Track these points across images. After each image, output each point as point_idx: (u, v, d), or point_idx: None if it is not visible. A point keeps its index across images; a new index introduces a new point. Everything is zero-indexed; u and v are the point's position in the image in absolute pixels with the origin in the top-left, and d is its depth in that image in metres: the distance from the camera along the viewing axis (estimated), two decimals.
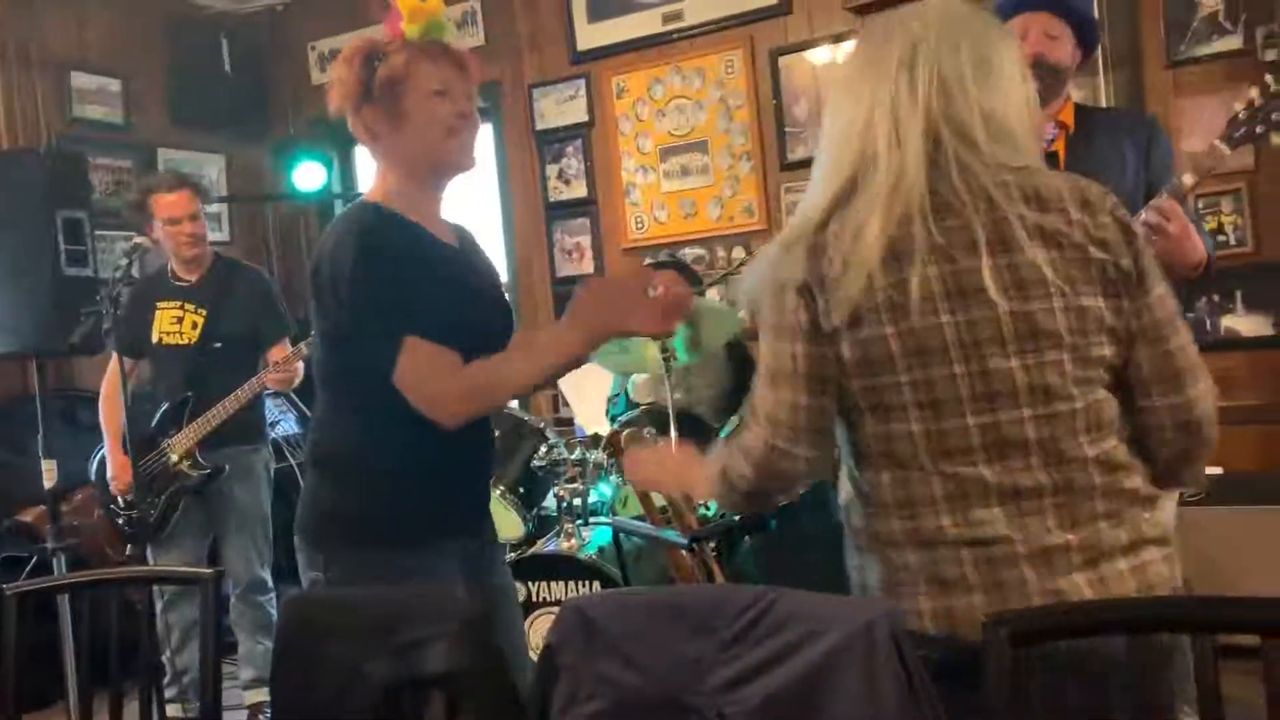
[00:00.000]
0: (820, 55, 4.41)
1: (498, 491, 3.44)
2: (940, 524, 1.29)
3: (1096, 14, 3.79)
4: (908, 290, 1.28)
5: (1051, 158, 2.39)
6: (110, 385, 3.45)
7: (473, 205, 5.15)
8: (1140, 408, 1.32)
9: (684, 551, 2.42)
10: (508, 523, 3.42)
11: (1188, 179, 2.23)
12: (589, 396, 4.04)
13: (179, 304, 3.54)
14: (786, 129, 4.49)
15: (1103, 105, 3.63)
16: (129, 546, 3.41)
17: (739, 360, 3.98)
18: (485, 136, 5.02)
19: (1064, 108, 2.56)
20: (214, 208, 5.29)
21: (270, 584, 3.67)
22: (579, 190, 4.98)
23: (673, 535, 2.37)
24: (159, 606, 3.48)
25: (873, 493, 1.35)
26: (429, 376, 1.69)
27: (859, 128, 1.35)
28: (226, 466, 3.48)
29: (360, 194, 1.90)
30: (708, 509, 3.32)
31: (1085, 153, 2.39)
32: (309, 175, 5.16)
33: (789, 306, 1.34)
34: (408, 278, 1.72)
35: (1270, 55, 3.49)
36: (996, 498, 1.28)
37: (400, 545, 1.77)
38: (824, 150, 1.41)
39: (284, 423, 4.81)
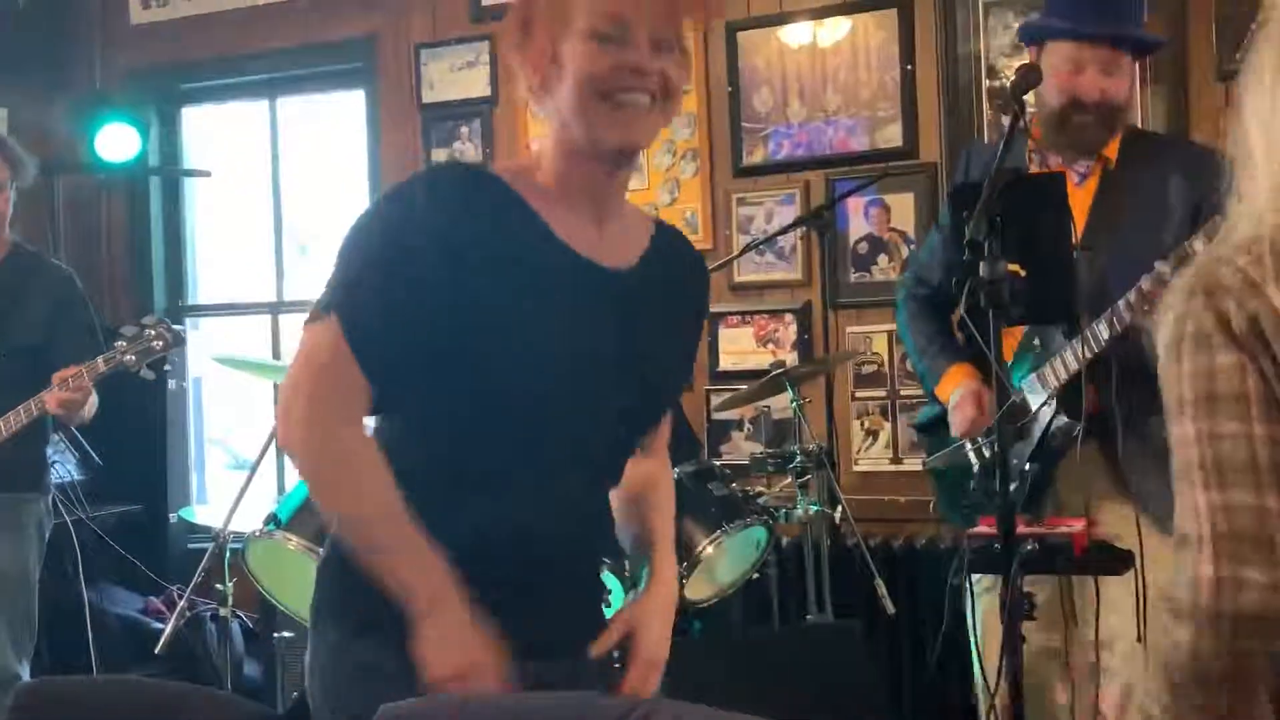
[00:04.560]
0: (794, 34, 3.88)
1: None
2: None
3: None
4: None
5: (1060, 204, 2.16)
6: None
7: (336, 195, 4.75)
8: None
9: None
10: None
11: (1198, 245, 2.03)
12: None
13: None
14: (743, 124, 3.98)
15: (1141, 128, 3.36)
16: None
17: None
18: (356, 106, 4.63)
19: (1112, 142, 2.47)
20: None
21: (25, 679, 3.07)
22: None
23: None
24: None
25: None
26: (309, 380, 1.42)
27: None
28: None
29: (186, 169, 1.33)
30: None
31: (1122, 188, 2.32)
32: (117, 142, 4.56)
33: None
34: (411, 255, 1.40)
35: None
36: None
37: (364, 634, 1.54)
38: None
39: (60, 465, 4.05)
